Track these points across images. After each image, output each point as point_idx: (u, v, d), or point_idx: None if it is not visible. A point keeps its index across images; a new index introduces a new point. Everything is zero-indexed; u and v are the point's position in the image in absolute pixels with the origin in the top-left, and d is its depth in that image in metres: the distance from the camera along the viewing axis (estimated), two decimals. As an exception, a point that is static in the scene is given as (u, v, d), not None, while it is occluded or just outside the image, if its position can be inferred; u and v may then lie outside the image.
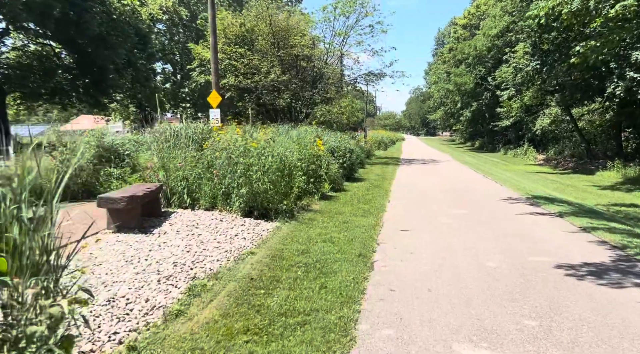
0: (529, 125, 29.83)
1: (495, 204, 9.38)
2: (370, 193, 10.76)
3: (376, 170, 17.31)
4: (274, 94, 18.98)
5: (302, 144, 9.65)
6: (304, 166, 9.27)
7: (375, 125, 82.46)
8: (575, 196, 11.58)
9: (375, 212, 8.21)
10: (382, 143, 35.67)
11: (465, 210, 8.58)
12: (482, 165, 22.07)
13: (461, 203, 9.51)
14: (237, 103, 19.42)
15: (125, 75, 30.43)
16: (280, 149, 7.86)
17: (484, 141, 45.85)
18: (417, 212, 8.39)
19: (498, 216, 7.95)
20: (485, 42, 32.65)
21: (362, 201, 9.42)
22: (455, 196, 10.48)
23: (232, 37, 19.81)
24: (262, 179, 6.85)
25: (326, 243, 5.76)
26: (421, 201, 9.80)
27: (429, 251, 5.60)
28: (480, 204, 9.36)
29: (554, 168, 22.85)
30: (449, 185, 12.86)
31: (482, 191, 11.50)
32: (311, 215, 7.64)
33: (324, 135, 13.90)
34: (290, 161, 7.97)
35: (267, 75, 18.16)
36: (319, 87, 20.69)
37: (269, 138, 8.95)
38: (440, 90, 45.49)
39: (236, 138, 7.33)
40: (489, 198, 10.32)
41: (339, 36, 20.83)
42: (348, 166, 13.39)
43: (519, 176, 17.53)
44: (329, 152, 12.80)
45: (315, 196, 9.27)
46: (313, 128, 13.15)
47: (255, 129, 11.81)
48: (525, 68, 18.94)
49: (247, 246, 5.36)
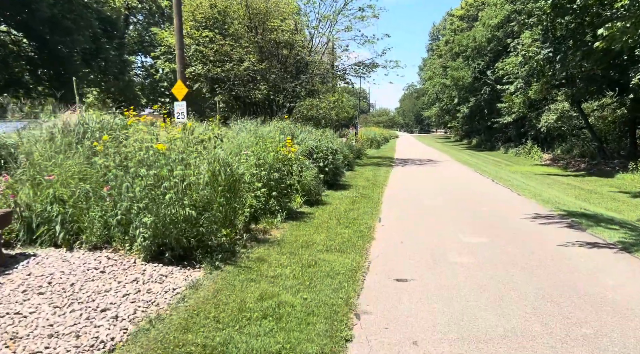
0: (533, 121, 27.56)
1: (522, 226, 6.99)
2: (356, 208, 8.33)
3: (366, 173, 14.89)
4: (250, 85, 16.47)
5: (263, 145, 7.17)
6: (263, 175, 6.81)
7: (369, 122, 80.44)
8: (606, 207, 9.27)
9: (359, 242, 5.77)
10: (374, 141, 33.28)
11: (484, 238, 6.17)
12: (485, 166, 19.74)
13: (475, 223, 7.11)
14: (206, 95, 16.90)
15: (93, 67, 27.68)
16: (222, 154, 5.38)
17: (482, 139, 43.60)
18: (417, 241, 5.96)
19: (535, 250, 5.54)
20: (485, 33, 30.32)
21: (343, 222, 6.97)
22: (465, 213, 8.07)
23: (202, 19, 17.24)
24: (180, 201, 4.37)
25: (267, 321, 3.31)
26: (421, 220, 7.39)
27: (445, 339, 3.18)
28: (502, 226, 6.96)
29: (564, 169, 20.59)
30: (454, 194, 10.47)
31: (497, 203, 9.12)
32: (263, 251, 5.19)
33: (300, 133, 11.44)
34: (238, 170, 5.50)
35: (240, 63, 15.62)
36: (302, 78, 18.19)
37: (213, 136, 6.47)
38: (436, 85, 43.14)
39: (145, 138, 4.83)
40: (508, 213, 7.94)
41: (325, 20, 18.34)
42: (331, 170, 10.94)
43: (530, 179, 15.21)
44: (306, 153, 10.35)
45: (279, 215, 6.81)
46: (285, 123, 10.68)
47: (211, 125, 9.40)
48: (536, 56, 16.59)
49: (108, 339, 2.87)
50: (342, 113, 30.25)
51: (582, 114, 21.31)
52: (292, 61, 18.79)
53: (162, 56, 18.42)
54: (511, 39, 28.09)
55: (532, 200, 9.65)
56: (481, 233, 6.43)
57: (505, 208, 8.64)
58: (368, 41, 20.17)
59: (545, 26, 16.78)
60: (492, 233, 6.42)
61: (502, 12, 28.75)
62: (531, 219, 7.48)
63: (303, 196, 8.34)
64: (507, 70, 24.19)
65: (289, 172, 8.17)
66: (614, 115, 22.33)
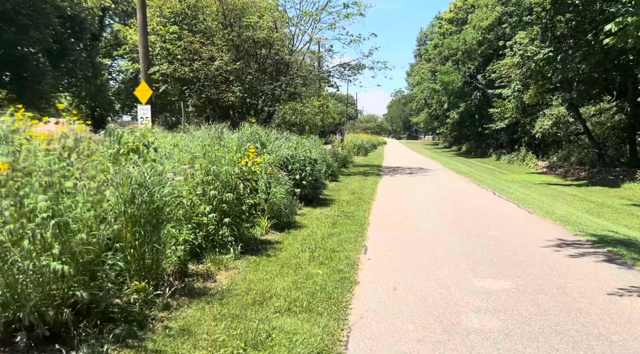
0: (527, 127, 26.37)
1: (548, 259, 5.44)
2: (337, 232, 6.71)
3: (352, 185, 13.30)
4: (222, 87, 14.81)
5: (213, 156, 5.51)
6: (212, 196, 5.15)
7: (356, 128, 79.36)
8: (626, 224, 7.86)
9: (336, 292, 4.15)
10: (361, 148, 31.78)
11: (505, 281, 4.59)
12: (480, 175, 18.33)
13: (488, 256, 5.54)
14: (174, 98, 15.21)
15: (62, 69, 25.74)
16: (136, 172, 3.72)
17: (472, 145, 42.52)
18: (416, 289, 4.36)
19: (582, 305, 3.96)
20: (475, 36, 29.19)
21: (319, 256, 5.35)
22: (471, 239, 6.50)
23: (170, 15, 15.57)
24: (43, 252, 2.70)
25: None
26: (419, 251, 5.79)
27: None
28: (523, 260, 5.40)
29: (563, 178, 19.32)
30: (454, 211, 8.92)
31: (506, 224, 7.59)
32: (194, 314, 3.53)
33: (275, 139, 9.81)
34: (161, 195, 3.84)
35: (210, 62, 13.97)
36: (282, 80, 16.61)
37: (142, 145, 4.81)
38: (425, 90, 42.03)
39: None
40: (524, 239, 6.40)
41: (306, 16, 16.80)
42: (309, 183, 9.31)
43: (531, 190, 13.81)
44: (279, 165, 8.72)
45: (233, 249, 5.15)
46: (254, 128, 9.05)
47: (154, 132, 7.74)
48: (535, 56, 15.27)
49: None
50: (328, 118, 28.73)
51: (580, 119, 20.10)
52: (271, 62, 17.21)
53: (126, 55, 16.68)
54: (503, 41, 26.99)
55: (546, 219, 8.14)
56: (499, 272, 4.86)
57: (518, 231, 7.11)
58: (354, 41, 18.68)
59: (544, 24, 15.52)
60: (514, 273, 4.85)
61: (493, 13, 27.66)
62: (555, 248, 5.94)
63: (271, 219, 6.69)
64: (500, 73, 22.97)
65: (253, 189, 6.54)
66: (612, 120, 21.21)
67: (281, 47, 16.60)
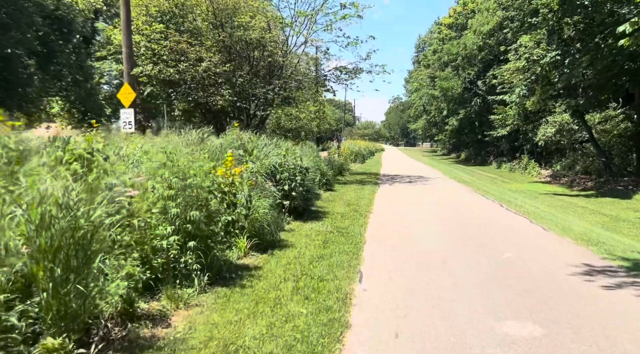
0: (529, 134, 25.59)
1: (579, 291, 4.53)
2: (328, 253, 5.79)
3: (348, 194, 12.40)
4: (211, 90, 13.95)
5: (176, 167, 4.60)
6: (174, 214, 4.24)
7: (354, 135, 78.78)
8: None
9: (321, 342, 3.24)
10: (359, 155, 30.92)
11: (532, 324, 3.68)
12: (483, 184, 17.47)
13: (507, 288, 4.63)
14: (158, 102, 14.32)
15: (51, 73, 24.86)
16: (53, 190, 2.82)
17: (471, 152, 41.74)
18: (424, 337, 3.43)
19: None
20: (476, 41, 28.48)
21: (304, 287, 4.43)
22: (484, 263, 5.59)
23: (157, 14, 14.74)
24: None
25: None
26: (425, 280, 4.87)
27: None
28: (549, 293, 4.49)
29: (569, 188, 18.47)
30: (461, 228, 8.02)
31: (522, 244, 6.68)
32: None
33: (263, 146, 8.92)
34: (92, 218, 2.94)
35: (198, 63, 13.11)
36: (275, 83, 15.76)
37: (86, 153, 3.92)
38: (423, 96, 41.27)
39: None
40: (546, 264, 5.50)
41: (301, 16, 15.99)
42: (300, 194, 8.41)
43: (538, 201, 12.96)
44: (266, 174, 7.83)
45: (198, 279, 4.23)
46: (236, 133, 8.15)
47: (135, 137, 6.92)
48: (541, 59, 14.48)
49: None
50: (324, 124, 27.89)
51: (585, 127, 19.32)
52: (264, 64, 16.37)
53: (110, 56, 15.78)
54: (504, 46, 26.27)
55: (564, 237, 7.25)
56: (523, 312, 3.95)
57: (536, 252, 6.21)
58: (351, 43, 17.87)
59: (551, 26, 14.76)
60: (542, 312, 3.94)
61: (494, 18, 26.99)
62: (584, 276, 5.04)
63: (252, 238, 5.76)
64: (503, 78, 22.19)
65: (232, 204, 5.64)
66: (617, 128, 20.45)
67: (274, 49, 15.76)
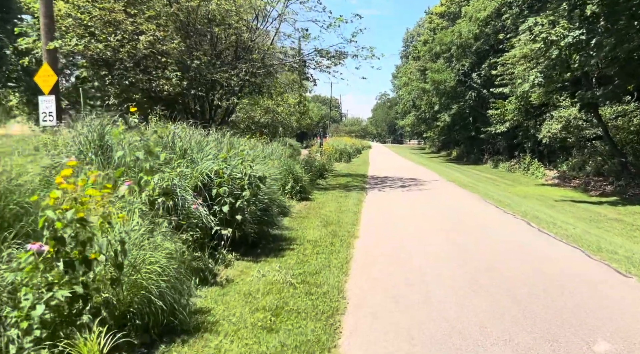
0: (531, 131, 23.25)
1: None
2: (279, 345, 3.09)
3: (327, 206, 9.69)
4: (157, 72, 11.07)
5: None
6: None
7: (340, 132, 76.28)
8: None
9: None
10: (344, 153, 28.25)
11: None
12: (486, 188, 14.95)
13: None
14: (91, 87, 11.38)
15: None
16: None
17: (462, 150, 39.44)
18: None
19: None
20: (472, 28, 26.01)
21: None
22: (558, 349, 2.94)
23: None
24: None
25: None
26: None
27: None
28: None
29: (585, 193, 16.10)
30: (503, 281, 5.38)
31: (576, 287, 4.08)
32: None
33: (191, 145, 6.12)
34: None
35: (134, 36, 10.20)
36: (240, 67, 12.93)
37: None
38: (413, 91, 38.74)
39: None
40: (631, 327, 2.93)
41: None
42: (253, 216, 5.67)
43: (559, 211, 10.52)
44: (194, 188, 5.08)
45: None
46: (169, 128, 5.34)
47: None
48: (562, 40, 11.96)
49: None
50: (305, 119, 25.11)
51: (600, 122, 16.96)
52: (228, 44, 13.54)
53: (34, 33, 12.73)
54: (504, 33, 23.88)
55: (632, 276, 4.66)
56: None
57: (602, 301, 3.59)
58: (333, 24, 15.10)
59: (572, 3, 12.25)
60: None
61: (492, 3, 24.53)
62: None
63: (121, 327, 3.01)
64: (506, 68, 19.72)
65: (80, 262, 2.88)
66: (630, 123, 18.18)
67: (239, 25, 12.93)
